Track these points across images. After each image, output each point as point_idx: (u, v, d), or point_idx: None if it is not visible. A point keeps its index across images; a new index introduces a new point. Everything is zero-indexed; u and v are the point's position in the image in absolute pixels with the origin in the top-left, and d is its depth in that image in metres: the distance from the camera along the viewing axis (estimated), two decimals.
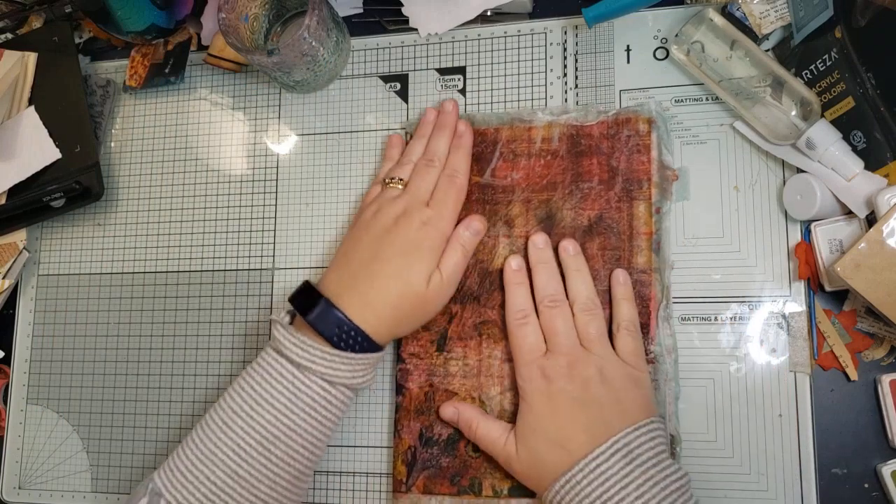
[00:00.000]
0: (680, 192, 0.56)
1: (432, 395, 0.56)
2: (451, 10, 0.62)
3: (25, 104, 0.67)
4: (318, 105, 0.65)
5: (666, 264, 0.55)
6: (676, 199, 0.56)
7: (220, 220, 0.65)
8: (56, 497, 0.65)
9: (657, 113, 0.56)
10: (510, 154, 0.58)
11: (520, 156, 0.58)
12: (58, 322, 0.67)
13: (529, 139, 0.58)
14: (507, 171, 0.58)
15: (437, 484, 0.55)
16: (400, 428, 0.57)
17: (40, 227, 0.69)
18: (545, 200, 0.57)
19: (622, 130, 0.56)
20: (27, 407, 0.67)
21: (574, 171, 0.56)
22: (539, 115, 0.58)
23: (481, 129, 0.59)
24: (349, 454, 0.59)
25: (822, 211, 0.51)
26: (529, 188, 0.57)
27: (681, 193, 0.56)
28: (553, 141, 0.57)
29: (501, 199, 0.57)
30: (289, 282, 0.63)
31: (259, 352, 0.52)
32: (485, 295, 0.56)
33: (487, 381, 0.55)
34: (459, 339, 0.56)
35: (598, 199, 0.56)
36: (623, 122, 0.56)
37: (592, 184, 0.56)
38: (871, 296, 0.48)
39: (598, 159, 0.56)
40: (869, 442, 0.52)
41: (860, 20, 0.49)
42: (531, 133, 0.58)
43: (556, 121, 0.57)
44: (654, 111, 0.56)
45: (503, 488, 0.54)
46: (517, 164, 0.58)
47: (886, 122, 0.49)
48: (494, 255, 0.57)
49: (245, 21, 0.60)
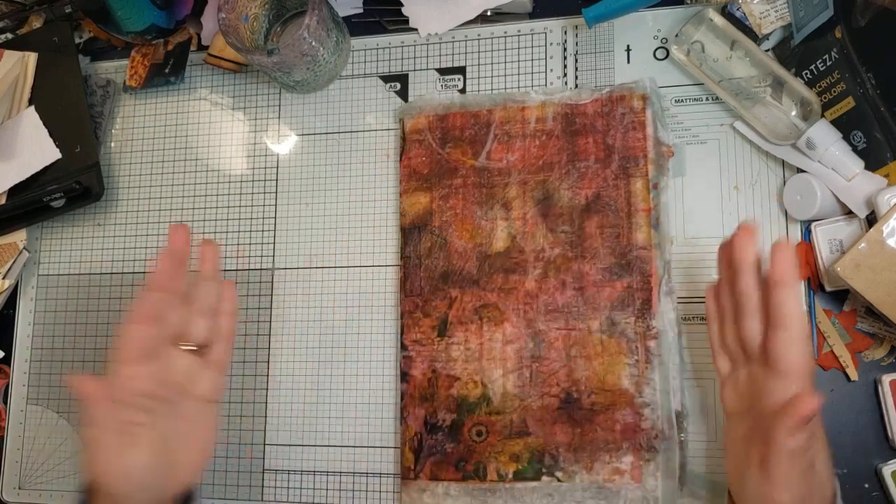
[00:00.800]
0: (676, 168, 0.56)
1: (435, 381, 0.56)
2: (451, 10, 0.62)
3: (25, 104, 0.67)
4: (318, 105, 0.65)
5: (666, 239, 0.55)
6: (673, 175, 0.56)
7: (220, 220, 0.65)
8: (56, 497, 0.65)
9: (651, 89, 0.56)
10: (504, 136, 0.58)
11: (514, 137, 0.58)
12: (58, 322, 0.67)
13: (523, 120, 0.58)
14: (502, 154, 0.58)
15: (442, 470, 0.55)
16: (406, 415, 0.57)
17: (40, 227, 0.69)
18: (542, 181, 0.57)
19: (617, 108, 0.56)
20: (27, 407, 0.67)
21: (570, 150, 0.57)
22: (532, 94, 0.58)
23: (474, 111, 0.59)
24: (350, 454, 0.59)
25: (822, 211, 0.51)
26: (525, 169, 0.57)
27: (677, 169, 0.56)
28: (547, 121, 0.57)
29: (498, 182, 0.58)
30: (289, 282, 0.63)
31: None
32: (484, 278, 0.57)
33: (489, 364, 0.56)
34: (460, 324, 0.57)
35: (594, 178, 0.56)
36: (617, 99, 0.56)
37: (589, 162, 0.56)
38: (871, 296, 0.48)
39: (594, 137, 0.56)
40: (869, 442, 0.52)
41: (860, 20, 0.49)
42: (525, 113, 0.58)
43: (550, 100, 0.58)
44: (648, 87, 0.56)
45: (508, 472, 0.54)
46: (512, 146, 0.58)
47: (886, 122, 0.49)
48: (493, 238, 0.57)
49: (245, 21, 0.60)
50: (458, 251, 0.58)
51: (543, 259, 0.56)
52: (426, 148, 0.59)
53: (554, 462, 0.54)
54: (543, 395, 0.54)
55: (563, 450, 0.54)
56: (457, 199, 0.58)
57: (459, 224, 0.58)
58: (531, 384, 0.55)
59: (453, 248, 0.58)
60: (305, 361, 0.61)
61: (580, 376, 0.54)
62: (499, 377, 0.55)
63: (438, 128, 0.59)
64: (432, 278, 0.58)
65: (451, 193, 0.58)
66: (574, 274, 0.55)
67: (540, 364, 0.55)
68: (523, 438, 0.54)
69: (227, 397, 0.62)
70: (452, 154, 0.59)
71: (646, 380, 0.53)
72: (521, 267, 0.56)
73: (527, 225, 0.57)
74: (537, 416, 0.54)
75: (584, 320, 0.55)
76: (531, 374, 0.55)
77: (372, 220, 0.62)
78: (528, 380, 0.55)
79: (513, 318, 0.56)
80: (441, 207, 0.58)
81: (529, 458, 0.54)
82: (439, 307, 0.57)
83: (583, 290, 0.55)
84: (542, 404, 0.54)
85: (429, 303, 0.58)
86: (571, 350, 0.54)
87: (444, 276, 0.58)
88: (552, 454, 0.54)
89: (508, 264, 0.57)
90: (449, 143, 0.59)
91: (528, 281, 0.56)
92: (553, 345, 0.55)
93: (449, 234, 0.58)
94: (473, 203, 0.58)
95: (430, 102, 0.60)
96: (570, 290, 0.55)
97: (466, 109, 0.59)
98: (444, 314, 0.57)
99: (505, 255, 0.57)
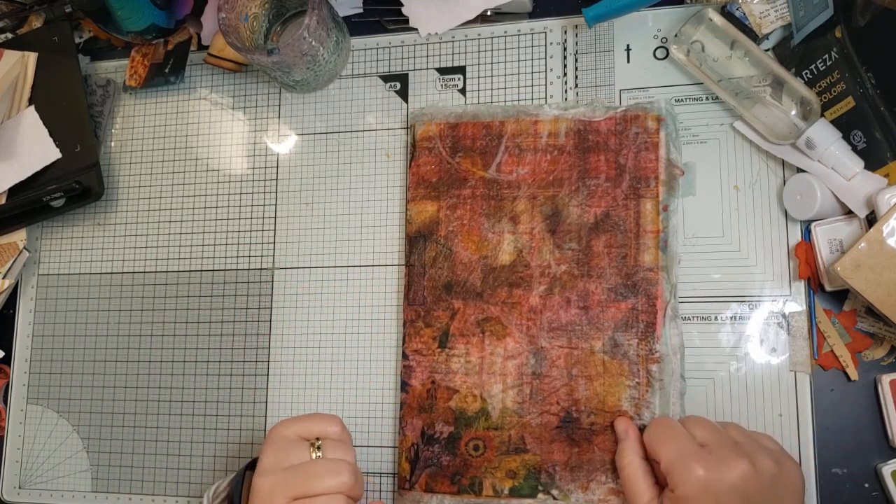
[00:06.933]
0: (686, 188, 0.56)
1: (434, 393, 0.56)
2: (451, 9, 0.62)
3: (25, 104, 0.67)
4: (318, 105, 0.65)
5: (673, 263, 0.54)
6: (682, 195, 0.56)
7: (220, 220, 0.65)
8: (56, 497, 0.65)
9: (667, 111, 0.55)
10: (516, 149, 0.58)
11: (526, 150, 0.57)
12: (58, 322, 0.67)
13: (535, 133, 0.57)
14: (512, 167, 0.57)
15: (438, 482, 0.55)
16: (404, 425, 0.57)
17: (40, 227, 0.69)
18: (551, 197, 0.56)
19: (630, 127, 0.56)
20: (27, 407, 0.67)
21: (581, 167, 0.56)
22: (545, 108, 0.58)
23: (486, 122, 0.59)
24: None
25: (822, 211, 0.51)
26: (535, 184, 0.57)
27: (687, 188, 0.56)
28: (560, 136, 0.57)
29: (507, 195, 0.57)
30: (289, 282, 0.63)
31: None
32: (488, 291, 0.56)
33: (489, 378, 0.55)
34: (461, 336, 0.56)
35: (604, 196, 0.55)
36: (631, 118, 0.56)
37: (599, 180, 0.56)
38: (871, 296, 0.48)
39: (606, 156, 0.56)
40: (869, 442, 0.52)
41: (860, 20, 0.49)
42: (537, 127, 0.58)
43: (563, 115, 0.57)
44: (663, 109, 0.55)
45: (504, 488, 0.54)
46: (523, 160, 0.57)
47: (886, 122, 0.49)
48: (499, 251, 0.57)
49: (245, 21, 0.60)
50: (463, 262, 0.57)
51: (549, 275, 0.56)
52: (436, 156, 0.59)
53: (550, 480, 0.53)
54: (543, 413, 0.54)
55: (560, 468, 0.53)
56: (464, 209, 0.58)
57: (466, 235, 0.58)
58: (531, 401, 0.55)
59: (458, 259, 0.57)
60: (305, 361, 0.61)
61: (580, 396, 0.54)
62: (498, 392, 0.55)
63: (449, 136, 0.59)
64: (435, 288, 0.57)
65: (458, 203, 0.58)
66: (579, 292, 0.55)
67: (540, 381, 0.55)
68: (521, 455, 0.54)
69: (227, 397, 0.62)
70: (462, 164, 0.58)
71: (645, 403, 0.53)
72: (526, 282, 0.56)
73: (534, 240, 0.56)
74: (535, 433, 0.54)
75: (586, 340, 0.54)
76: (531, 391, 0.55)
77: (372, 220, 0.62)
78: (528, 396, 0.55)
79: (515, 333, 0.56)
80: (448, 217, 0.58)
81: (526, 475, 0.54)
82: (441, 318, 0.57)
83: (587, 309, 0.55)
84: (541, 422, 0.54)
85: (431, 313, 0.57)
86: (573, 369, 0.54)
87: (448, 287, 0.57)
88: (549, 472, 0.54)
89: (513, 278, 0.56)
90: (459, 152, 0.59)
91: (533, 296, 0.56)
92: (555, 363, 0.55)
93: (455, 244, 0.58)
94: (481, 214, 0.58)
95: (442, 111, 0.60)
96: (575, 308, 0.55)
97: (478, 119, 0.58)
98: (446, 325, 0.57)
99: (510, 269, 0.56)
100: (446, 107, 0.61)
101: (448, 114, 0.60)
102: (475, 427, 0.55)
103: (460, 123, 0.59)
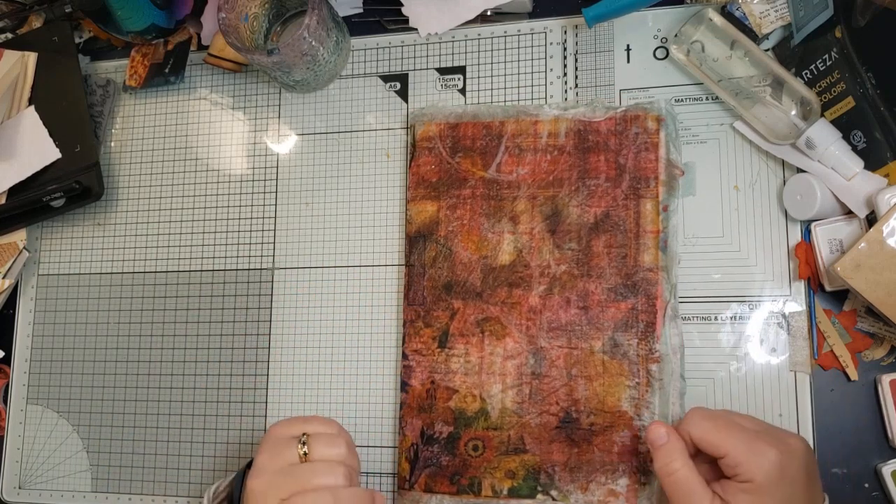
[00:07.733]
0: (686, 188, 0.56)
1: (434, 393, 0.56)
2: (451, 9, 0.62)
3: (25, 104, 0.67)
4: (318, 105, 0.65)
5: (673, 263, 0.54)
6: (682, 195, 0.56)
7: (220, 220, 0.65)
8: (56, 497, 0.65)
9: (667, 111, 0.55)
10: (516, 149, 0.58)
11: (525, 150, 0.57)
12: (58, 322, 0.67)
13: (535, 133, 0.57)
14: (512, 167, 0.57)
15: (437, 482, 0.55)
16: (403, 425, 0.57)
17: (40, 227, 0.69)
18: (551, 197, 0.56)
19: (630, 127, 0.56)
20: (27, 407, 0.67)
21: (581, 167, 0.56)
22: (545, 109, 0.58)
23: (486, 122, 0.59)
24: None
25: (822, 211, 0.51)
26: (535, 184, 0.57)
27: (687, 188, 0.56)
28: (559, 136, 0.57)
29: (507, 195, 0.57)
30: (289, 282, 0.63)
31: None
32: (488, 291, 0.56)
33: (489, 378, 0.55)
34: (461, 336, 0.56)
35: (604, 197, 0.55)
36: (632, 118, 0.56)
37: (599, 181, 0.56)
38: (871, 296, 0.48)
39: (606, 156, 0.56)
40: (869, 442, 0.52)
41: (860, 20, 0.49)
42: (537, 127, 0.58)
43: (563, 115, 0.57)
44: (663, 109, 0.55)
45: (503, 488, 0.54)
46: (523, 160, 0.57)
47: (886, 122, 0.49)
48: (499, 251, 0.57)
49: (245, 21, 0.60)
50: (463, 262, 0.57)
51: (549, 275, 0.56)
52: (436, 156, 0.59)
53: (550, 480, 0.53)
54: (542, 413, 0.54)
55: (560, 469, 0.53)
56: (464, 209, 0.58)
57: (466, 235, 0.58)
58: (530, 401, 0.55)
59: (458, 259, 0.57)
60: (305, 361, 0.61)
61: (580, 396, 0.54)
62: (498, 392, 0.55)
63: (449, 136, 0.59)
64: (435, 288, 0.57)
65: (458, 203, 0.58)
66: (579, 292, 0.55)
67: (540, 381, 0.55)
68: (520, 455, 0.54)
69: (227, 397, 0.62)
70: (462, 164, 0.58)
71: (645, 403, 0.53)
72: (526, 282, 0.56)
73: (534, 240, 0.56)
74: (535, 433, 0.54)
75: (586, 340, 0.54)
76: (531, 391, 0.55)
77: (372, 220, 0.62)
78: (528, 397, 0.55)
79: (515, 333, 0.56)
80: (448, 217, 0.58)
81: (525, 476, 0.54)
82: (441, 318, 0.57)
83: (587, 309, 0.55)
84: (541, 422, 0.54)
85: (430, 313, 0.57)
86: (573, 369, 0.54)
87: (448, 287, 0.57)
88: (548, 472, 0.54)
89: (513, 278, 0.56)
90: (459, 152, 0.59)
91: (532, 296, 0.56)
92: (554, 363, 0.55)
93: (454, 244, 0.58)
94: (481, 214, 0.58)
95: (442, 111, 0.60)
96: (574, 308, 0.55)
97: (478, 119, 0.58)
98: (446, 325, 0.57)
99: (510, 269, 0.56)
100: (446, 107, 0.61)
101: (448, 114, 0.60)
102: (474, 427, 0.55)
103: (460, 123, 0.59)
